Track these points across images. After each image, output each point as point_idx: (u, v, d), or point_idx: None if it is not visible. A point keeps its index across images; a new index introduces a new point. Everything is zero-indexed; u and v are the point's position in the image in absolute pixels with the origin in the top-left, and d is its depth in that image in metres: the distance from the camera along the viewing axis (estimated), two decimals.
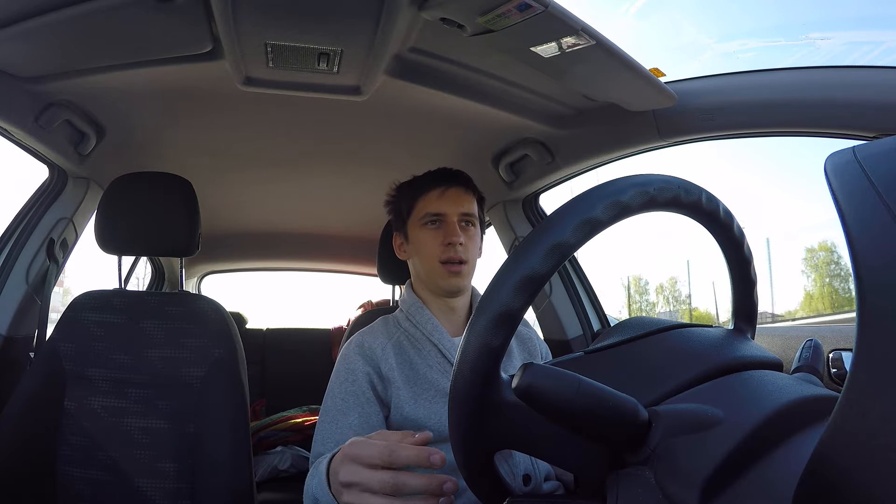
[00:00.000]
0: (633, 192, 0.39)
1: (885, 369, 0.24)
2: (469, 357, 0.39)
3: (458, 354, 0.40)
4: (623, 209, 0.39)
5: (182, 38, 0.83)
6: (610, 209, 0.39)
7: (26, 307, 1.13)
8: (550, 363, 0.46)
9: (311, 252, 2.26)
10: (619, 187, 0.39)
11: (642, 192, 0.40)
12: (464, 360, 0.39)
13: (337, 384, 0.87)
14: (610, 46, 0.79)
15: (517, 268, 0.38)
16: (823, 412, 0.35)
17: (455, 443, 0.43)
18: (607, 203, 0.39)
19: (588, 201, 0.39)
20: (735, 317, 0.51)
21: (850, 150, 0.29)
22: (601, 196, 0.39)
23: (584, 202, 0.39)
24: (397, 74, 0.92)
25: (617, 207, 0.39)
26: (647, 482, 0.36)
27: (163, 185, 1.08)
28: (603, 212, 0.38)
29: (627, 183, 0.40)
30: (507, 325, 0.38)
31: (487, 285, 0.40)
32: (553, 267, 0.38)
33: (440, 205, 0.93)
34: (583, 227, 0.38)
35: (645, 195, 0.40)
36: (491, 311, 0.38)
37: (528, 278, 0.37)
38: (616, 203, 0.39)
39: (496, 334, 0.38)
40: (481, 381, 0.39)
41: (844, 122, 0.82)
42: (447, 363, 0.88)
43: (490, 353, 0.38)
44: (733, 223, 0.47)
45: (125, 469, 0.96)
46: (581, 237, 0.38)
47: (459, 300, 0.96)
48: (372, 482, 0.47)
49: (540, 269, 0.37)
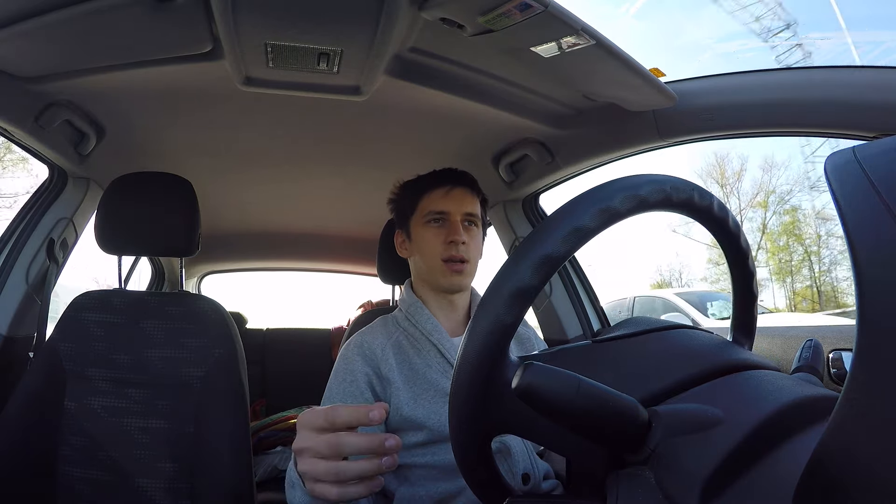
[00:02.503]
0: (650, 188, 0.41)
1: (885, 369, 0.24)
2: (480, 331, 0.39)
3: (467, 330, 0.40)
4: (640, 203, 0.40)
5: (182, 38, 0.83)
6: (628, 201, 0.40)
7: (26, 307, 1.13)
8: (559, 349, 0.46)
9: (311, 252, 2.25)
10: (637, 182, 0.41)
11: (658, 189, 0.41)
12: (474, 335, 0.39)
13: (336, 384, 0.87)
14: (610, 46, 0.79)
15: (536, 247, 0.38)
16: (823, 412, 0.35)
17: (455, 424, 0.43)
18: (626, 195, 0.40)
19: (608, 190, 0.40)
20: (734, 329, 0.52)
21: (850, 150, 0.29)
22: (621, 187, 0.40)
23: (604, 190, 0.40)
24: (397, 74, 0.92)
25: (635, 200, 0.40)
26: (647, 482, 0.36)
27: (163, 185, 1.08)
28: (622, 203, 0.40)
29: (645, 179, 0.41)
30: (520, 302, 0.38)
31: (504, 263, 0.40)
32: (571, 250, 0.39)
33: (444, 203, 0.93)
34: (602, 214, 0.39)
35: (661, 192, 0.41)
36: (506, 286, 0.38)
37: (547, 257, 0.38)
38: (634, 196, 0.40)
39: (509, 311, 0.38)
40: (489, 360, 0.39)
41: (844, 122, 0.82)
42: (446, 363, 0.88)
43: (501, 329, 0.39)
44: (740, 235, 0.47)
45: (125, 469, 0.96)
46: (600, 223, 0.39)
47: (460, 298, 0.96)
48: (318, 445, 0.49)
49: (559, 250, 0.38)
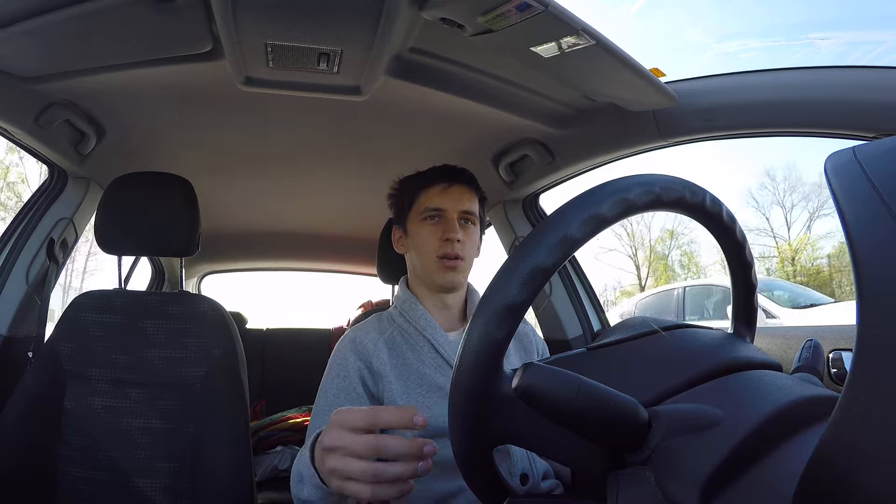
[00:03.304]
0: (639, 190, 0.40)
1: (885, 369, 0.24)
2: (472, 349, 0.39)
3: (460, 347, 0.40)
4: (629, 207, 0.40)
5: (182, 38, 0.83)
6: (616, 206, 0.39)
7: (26, 307, 1.13)
8: (552, 359, 0.46)
9: (312, 252, 2.25)
10: (625, 185, 0.40)
11: (647, 191, 0.40)
12: (466, 352, 0.39)
13: (329, 380, 0.87)
14: (610, 46, 0.79)
15: (523, 260, 0.38)
16: (823, 412, 0.35)
17: (455, 437, 0.43)
18: (614, 199, 0.39)
19: (595, 197, 0.39)
20: (735, 320, 0.52)
21: (850, 150, 0.29)
22: (608, 193, 0.40)
23: (592, 197, 0.39)
24: (397, 74, 0.92)
25: (623, 205, 0.39)
26: (647, 482, 0.36)
27: (163, 185, 1.08)
28: (609, 209, 0.39)
29: (633, 181, 0.40)
30: (511, 318, 0.38)
31: (492, 278, 0.40)
32: (559, 261, 0.38)
33: (441, 200, 0.93)
34: (589, 222, 0.39)
35: (650, 194, 0.40)
36: (496, 302, 0.38)
37: (535, 270, 0.38)
38: (622, 200, 0.39)
39: (500, 326, 0.38)
40: (483, 374, 0.39)
41: (844, 122, 0.82)
42: (440, 358, 0.88)
43: (493, 346, 0.39)
44: (736, 227, 0.47)
45: (125, 469, 0.96)
46: (588, 232, 0.39)
47: (454, 296, 0.96)
48: (355, 445, 0.49)
49: (546, 262, 0.38)
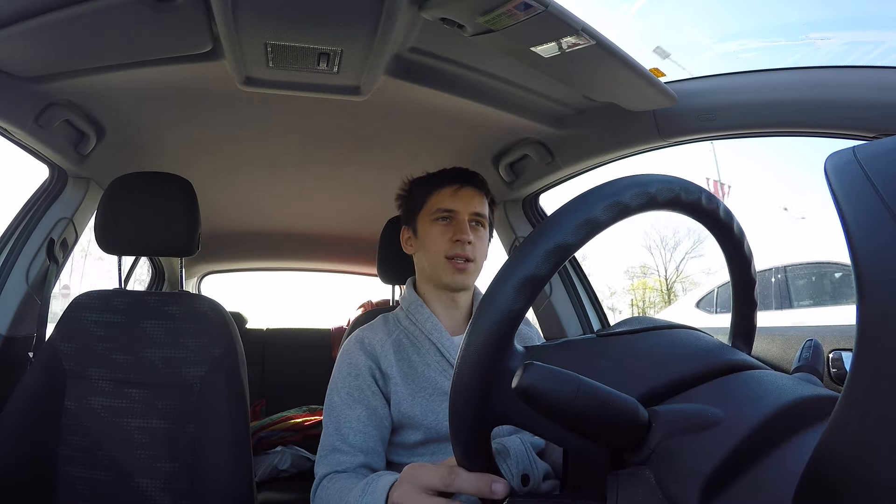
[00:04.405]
0: (632, 192, 0.40)
1: (885, 369, 0.24)
2: (486, 319, 0.39)
3: (473, 318, 0.40)
4: (623, 210, 0.40)
5: (182, 38, 0.83)
6: (609, 210, 0.39)
7: (26, 307, 1.13)
8: (564, 341, 0.46)
9: (311, 252, 2.25)
10: (648, 180, 0.41)
11: (642, 192, 0.40)
12: (479, 322, 0.39)
13: (340, 379, 0.87)
14: (610, 46, 0.79)
15: (546, 236, 0.39)
16: (823, 412, 0.35)
17: (456, 411, 0.42)
18: (636, 192, 0.40)
19: (617, 186, 0.40)
20: (733, 335, 0.52)
21: (850, 150, 0.29)
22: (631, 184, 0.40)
23: (614, 186, 0.40)
24: (397, 74, 0.92)
25: (616, 208, 0.40)
26: (647, 482, 0.36)
27: (163, 185, 1.08)
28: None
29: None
30: (528, 290, 0.38)
31: (512, 252, 0.40)
32: (581, 241, 0.39)
33: (453, 202, 0.94)
34: (612, 208, 0.39)
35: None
36: (516, 274, 0.38)
37: (558, 247, 0.38)
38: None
39: (518, 297, 0.38)
40: (494, 347, 0.39)
41: (844, 122, 0.82)
42: (445, 362, 0.88)
43: (509, 316, 0.39)
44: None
45: (125, 469, 0.96)
46: (611, 217, 0.39)
47: (462, 296, 0.96)
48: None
49: (569, 240, 0.39)
